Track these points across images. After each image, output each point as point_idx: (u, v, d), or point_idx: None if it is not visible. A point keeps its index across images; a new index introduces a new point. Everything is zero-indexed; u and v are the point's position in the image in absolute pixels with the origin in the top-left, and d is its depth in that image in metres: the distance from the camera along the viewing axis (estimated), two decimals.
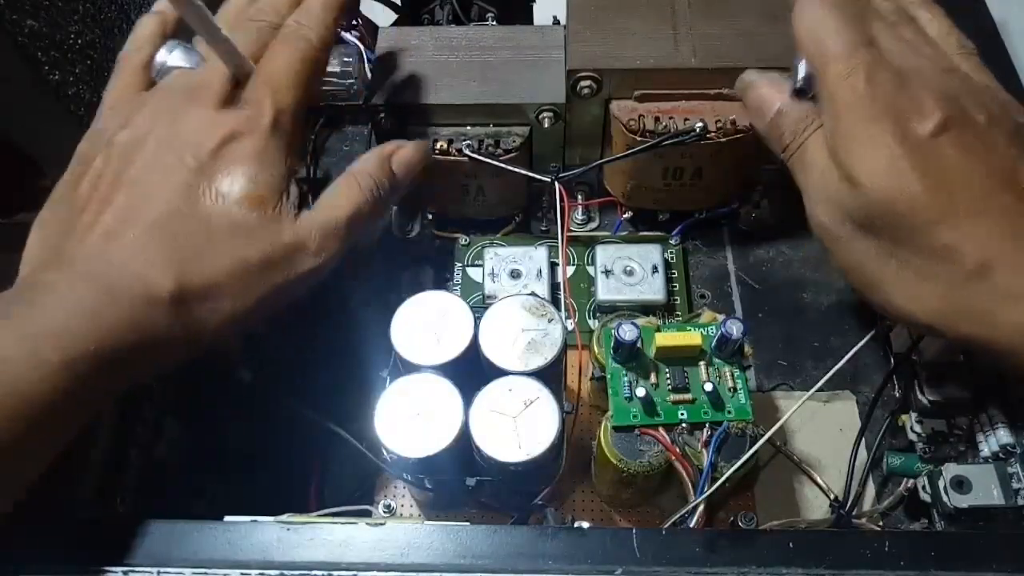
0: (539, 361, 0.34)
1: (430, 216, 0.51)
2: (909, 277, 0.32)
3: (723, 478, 0.34)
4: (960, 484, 0.37)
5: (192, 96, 0.36)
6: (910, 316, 0.32)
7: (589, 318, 0.47)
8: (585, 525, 0.33)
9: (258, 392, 0.43)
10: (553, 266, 0.48)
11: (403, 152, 0.40)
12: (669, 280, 0.47)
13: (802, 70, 0.36)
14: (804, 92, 0.36)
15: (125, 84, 0.39)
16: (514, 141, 0.45)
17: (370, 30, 0.55)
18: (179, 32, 0.41)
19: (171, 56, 0.38)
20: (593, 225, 0.52)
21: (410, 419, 0.33)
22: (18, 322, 0.29)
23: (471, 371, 0.35)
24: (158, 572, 0.30)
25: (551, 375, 0.35)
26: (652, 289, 0.46)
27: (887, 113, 0.32)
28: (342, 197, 0.37)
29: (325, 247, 0.35)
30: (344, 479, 0.43)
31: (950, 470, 0.38)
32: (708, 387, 0.36)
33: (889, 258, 0.32)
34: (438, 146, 0.45)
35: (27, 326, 0.29)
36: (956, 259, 0.30)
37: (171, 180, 0.34)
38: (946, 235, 0.30)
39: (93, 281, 0.31)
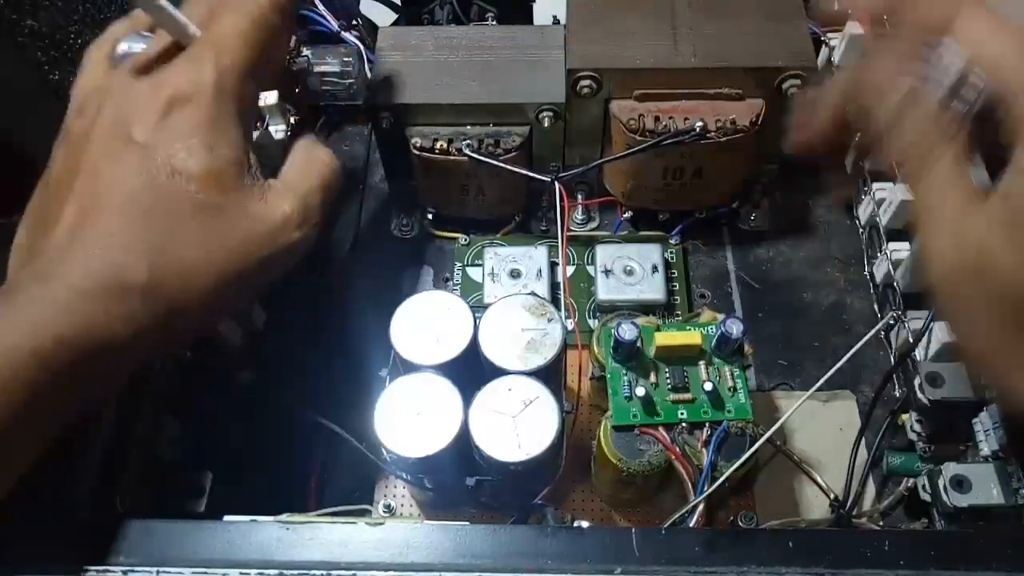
0: (539, 361, 0.34)
1: (430, 216, 0.51)
2: None
3: (723, 478, 0.34)
4: (960, 483, 0.37)
5: (135, 72, 0.34)
6: None
7: (589, 318, 0.47)
8: (585, 525, 0.33)
9: (258, 392, 0.43)
10: (553, 266, 0.48)
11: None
12: (669, 280, 0.47)
13: (953, 66, 0.27)
14: (952, 95, 0.27)
15: (86, 79, 0.37)
16: (514, 141, 0.45)
17: (370, 30, 0.55)
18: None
19: (129, 46, 0.36)
20: (593, 225, 0.52)
21: (410, 419, 0.33)
22: None
23: (471, 371, 0.35)
24: (158, 572, 0.30)
25: (551, 375, 0.35)
26: (652, 289, 0.46)
27: None
28: (309, 168, 0.36)
29: (308, 218, 0.34)
30: (344, 479, 0.43)
31: (950, 469, 0.38)
32: (708, 387, 0.35)
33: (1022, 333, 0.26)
34: (438, 146, 0.45)
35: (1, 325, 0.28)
36: None
37: (123, 162, 0.32)
38: None
39: (61, 276, 0.30)
